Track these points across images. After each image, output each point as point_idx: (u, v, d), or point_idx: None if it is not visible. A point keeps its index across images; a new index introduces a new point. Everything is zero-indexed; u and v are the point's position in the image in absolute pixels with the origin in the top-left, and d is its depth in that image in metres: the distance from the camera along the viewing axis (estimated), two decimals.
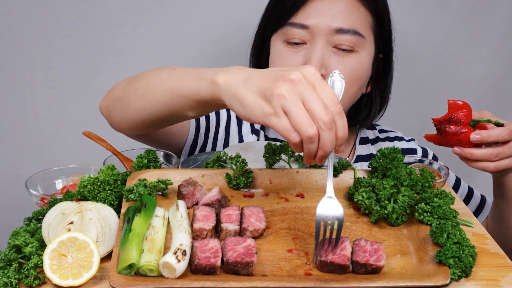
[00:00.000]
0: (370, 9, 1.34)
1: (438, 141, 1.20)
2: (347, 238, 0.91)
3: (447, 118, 1.15)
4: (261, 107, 0.85)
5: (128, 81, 1.21)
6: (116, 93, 1.22)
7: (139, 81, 1.15)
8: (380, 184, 1.02)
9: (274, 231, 0.99)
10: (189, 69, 1.06)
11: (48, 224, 0.95)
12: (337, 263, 0.87)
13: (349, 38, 1.29)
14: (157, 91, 1.09)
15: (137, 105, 1.14)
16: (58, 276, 0.86)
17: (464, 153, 1.15)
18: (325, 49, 1.30)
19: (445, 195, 1.02)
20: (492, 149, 1.14)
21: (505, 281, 0.88)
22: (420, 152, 1.54)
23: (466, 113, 1.14)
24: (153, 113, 1.12)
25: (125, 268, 0.84)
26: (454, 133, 1.14)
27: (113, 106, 1.22)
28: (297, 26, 1.31)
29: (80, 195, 1.04)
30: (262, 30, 1.44)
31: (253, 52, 1.50)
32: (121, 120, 1.21)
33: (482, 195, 1.52)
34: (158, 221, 0.95)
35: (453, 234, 0.91)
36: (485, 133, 1.13)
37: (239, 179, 1.10)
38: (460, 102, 1.14)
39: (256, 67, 1.49)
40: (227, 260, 0.86)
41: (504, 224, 1.35)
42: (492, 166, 1.15)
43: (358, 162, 1.50)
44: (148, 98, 1.11)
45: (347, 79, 1.31)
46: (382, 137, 1.57)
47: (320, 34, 1.29)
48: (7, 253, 0.89)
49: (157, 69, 1.15)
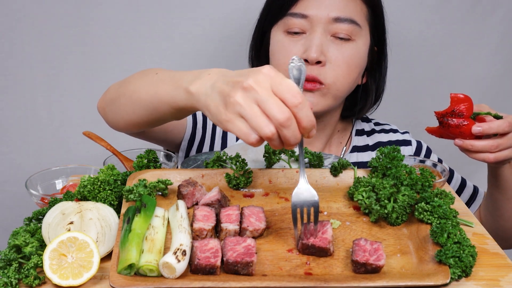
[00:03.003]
0: (365, 1, 1.41)
1: (440, 133, 1.23)
2: (328, 221, 0.95)
3: (450, 111, 1.18)
4: (220, 114, 0.89)
5: (120, 83, 1.25)
6: (110, 94, 1.26)
7: (128, 85, 1.19)
8: (380, 184, 1.02)
9: (274, 231, 0.99)
10: (170, 73, 1.08)
11: (48, 224, 0.95)
12: (318, 246, 0.90)
13: (346, 27, 1.35)
14: (141, 95, 1.12)
15: (127, 108, 1.17)
16: (58, 276, 0.86)
17: (466, 145, 1.18)
18: (324, 37, 1.35)
19: (445, 195, 1.02)
20: (493, 141, 1.17)
21: (505, 281, 0.88)
22: (414, 144, 1.59)
23: (468, 106, 1.17)
24: (140, 116, 1.15)
25: (125, 268, 0.84)
26: (456, 126, 1.17)
27: (108, 107, 1.26)
28: (297, 16, 1.36)
29: (80, 195, 1.04)
30: (261, 23, 1.49)
31: (253, 46, 1.54)
32: (115, 121, 1.25)
33: (475, 185, 1.56)
34: (158, 221, 0.95)
35: (453, 234, 0.91)
36: (486, 125, 1.16)
37: (239, 179, 1.10)
38: (461, 95, 1.17)
39: (255, 59, 1.53)
40: (227, 260, 0.86)
41: (498, 213, 1.40)
42: (492, 157, 1.18)
43: (354, 153, 1.54)
44: (134, 102, 1.14)
45: (345, 66, 1.37)
46: (378, 129, 1.61)
47: (319, 23, 1.35)
48: (7, 253, 0.89)
49: (144, 72, 1.19)
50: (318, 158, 1.17)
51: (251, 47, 1.54)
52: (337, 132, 1.56)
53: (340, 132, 1.57)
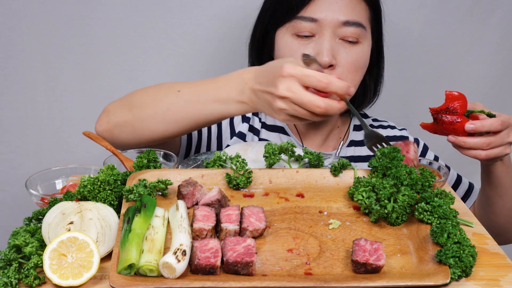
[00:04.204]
0: (368, 3, 1.43)
1: (434, 129, 1.25)
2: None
3: (444, 108, 1.20)
4: (274, 116, 1.11)
5: (126, 103, 1.30)
6: (118, 117, 1.30)
7: (148, 107, 1.26)
8: (380, 184, 1.02)
9: (274, 231, 0.99)
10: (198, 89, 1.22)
11: (48, 224, 0.95)
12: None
13: (354, 30, 1.37)
14: (178, 115, 1.23)
15: (157, 128, 1.26)
16: (58, 276, 0.86)
17: (458, 141, 1.21)
18: (333, 41, 1.37)
19: (445, 195, 1.02)
20: (485, 139, 1.20)
21: (505, 281, 0.88)
22: (412, 140, 1.58)
23: (462, 104, 1.20)
24: (173, 133, 1.27)
25: (125, 268, 0.84)
26: (450, 123, 1.20)
27: (119, 129, 1.29)
28: (307, 19, 1.37)
29: (80, 195, 1.04)
30: (264, 23, 1.48)
31: (253, 45, 1.54)
32: (127, 140, 1.30)
33: (470, 182, 1.60)
34: (158, 221, 0.95)
35: (453, 234, 0.91)
36: (479, 123, 1.19)
37: (239, 179, 1.10)
38: (455, 93, 1.20)
39: (256, 59, 1.54)
40: (227, 260, 0.86)
41: (491, 209, 1.44)
42: (484, 154, 1.21)
43: (351, 147, 1.57)
44: (169, 122, 1.25)
45: (353, 69, 1.40)
46: (376, 125, 1.64)
47: (328, 26, 1.36)
48: (7, 253, 0.89)
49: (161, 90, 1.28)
50: (318, 158, 1.17)
51: (250, 47, 1.55)
52: (336, 128, 1.59)
53: (340, 128, 1.59)
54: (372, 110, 1.66)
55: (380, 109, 1.70)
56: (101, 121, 1.33)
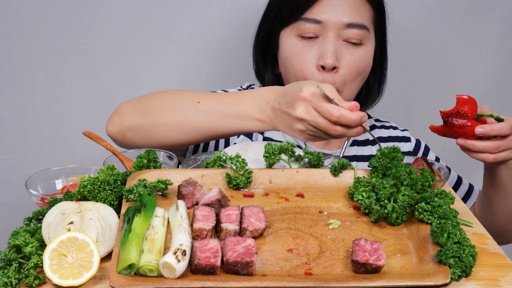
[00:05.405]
0: (372, 4, 1.43)
1: (443, 132, 1.25)
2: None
3: (455, 111, 1.21)
4: (294, 135, 1.14)
5: (142, 107, 1.30)
6: (133, 120, 1.30)
7: (165, 114, 1.26)
8: (380, 184, 1.02)
9: (274, 231, 0.99)
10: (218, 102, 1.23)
11: (48, 224, 0.95)
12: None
13: (357, 32, 1.38)
14: (196, 126, 1.25)
15: (172, 135, 1.27)
16: (58, 276, 0.86)
17: (468, 145, 1.21)
18: (337, 43, 1.38)
19: (445, 195, 1.02)
20: (493, 142, 1.21)
21: (505, 281, 0.88)
22: (413, 141, 1.63)
23: (472, 108, 1.20)
24: (189, 141, 1.28)
25: (125, 268, 0.84)
26: (460, 126, 1.20)
27: (132, 132, 1.30)
28: (311, 21, 1.38)
29: (80, 195, 1.04)
30: (269, 24, 1.48)
31: (258, 46, 1.54)
32: (144, 144, 1.31)
33: (470, 183, 1.60)
34: (158, 221, 0.95)
35: (453, 234, 0.91)
36: (489, 127, 1.19)
37: (239, 179, 1.10)
38: (466, 97, 1.20)
39: (260, 60, 1.54)
40: (227, 260, 0.86)
41: (491, 210, 1.45)
42: (492, 157, 1.22)
43: (354, 146, 1.57)
44: (186, 131, 1.26)
45: (356, 70, 1.40)
46: (378, 125, 1.65)
47: (332, 28, 1.37)
48: (7, 253, 0.89)
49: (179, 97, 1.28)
50: (318, 158, 1.17)
51: (255, 46, 1.55)
52: None
53: None
54: (372, 110, 1.66)
55: (380, 109, 1.70)
56: (113, 121, 1.32)
